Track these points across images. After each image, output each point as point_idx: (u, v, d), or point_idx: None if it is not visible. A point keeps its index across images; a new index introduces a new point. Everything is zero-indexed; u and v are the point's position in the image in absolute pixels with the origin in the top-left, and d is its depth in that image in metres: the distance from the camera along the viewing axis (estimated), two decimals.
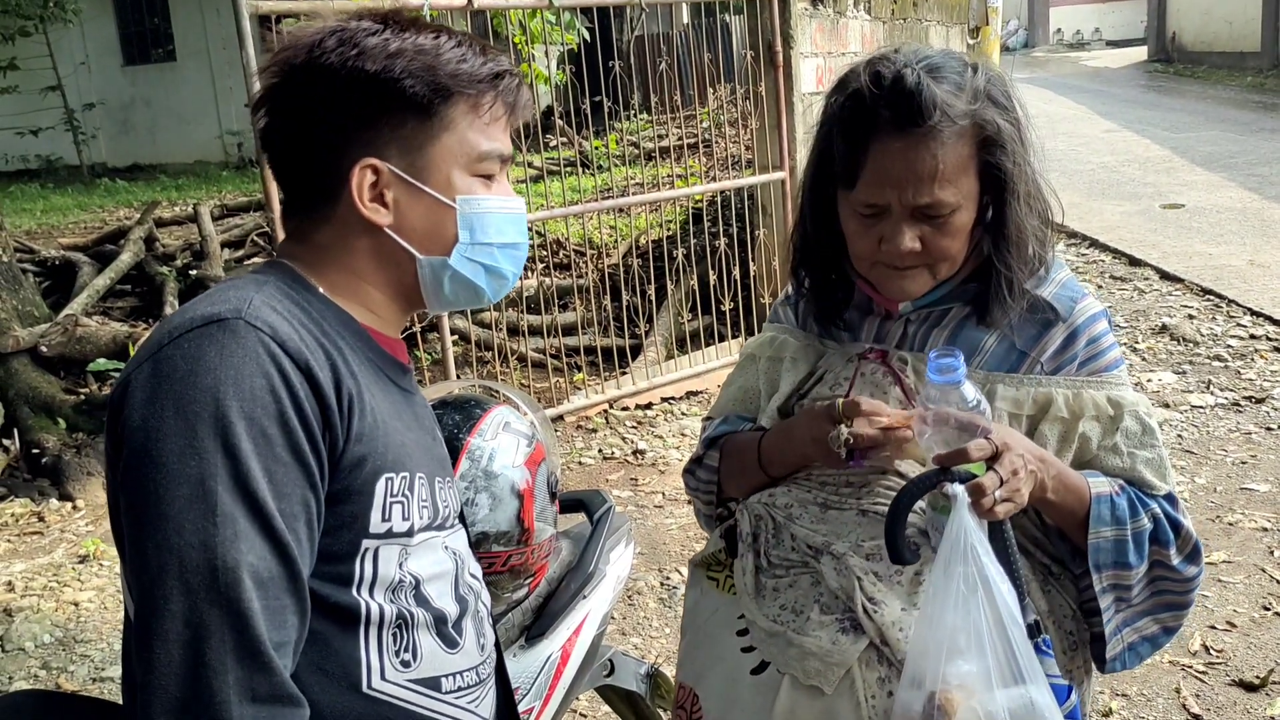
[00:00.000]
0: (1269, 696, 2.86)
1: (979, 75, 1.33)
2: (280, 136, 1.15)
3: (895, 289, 1.39)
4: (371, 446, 1.08)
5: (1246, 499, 4.01)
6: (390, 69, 1.10)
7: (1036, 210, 1.38)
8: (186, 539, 0.94)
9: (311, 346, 1.05)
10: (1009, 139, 1.31)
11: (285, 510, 0.99)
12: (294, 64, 1.12)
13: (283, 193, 1.19)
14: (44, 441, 4.87)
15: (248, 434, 0.97)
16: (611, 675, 2.01)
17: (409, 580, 1.14)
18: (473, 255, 1.18)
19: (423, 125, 1.13)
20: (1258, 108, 15.51)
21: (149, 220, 7.78)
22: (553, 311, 5.87)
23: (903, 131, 1.28)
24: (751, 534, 1.45)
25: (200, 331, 1.01)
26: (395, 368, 1.20)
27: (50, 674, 3.35)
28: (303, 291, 1.12)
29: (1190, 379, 5.32)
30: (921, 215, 1.31)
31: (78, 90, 15.46)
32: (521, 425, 1.70)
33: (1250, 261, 7.33)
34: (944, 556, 1.18)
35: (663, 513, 4.26)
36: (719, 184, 5.93)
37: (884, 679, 1.30)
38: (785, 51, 5.76)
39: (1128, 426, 1.38)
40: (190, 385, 0.98)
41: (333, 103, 1.11)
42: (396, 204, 1.14)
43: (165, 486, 0.96)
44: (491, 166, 1.18)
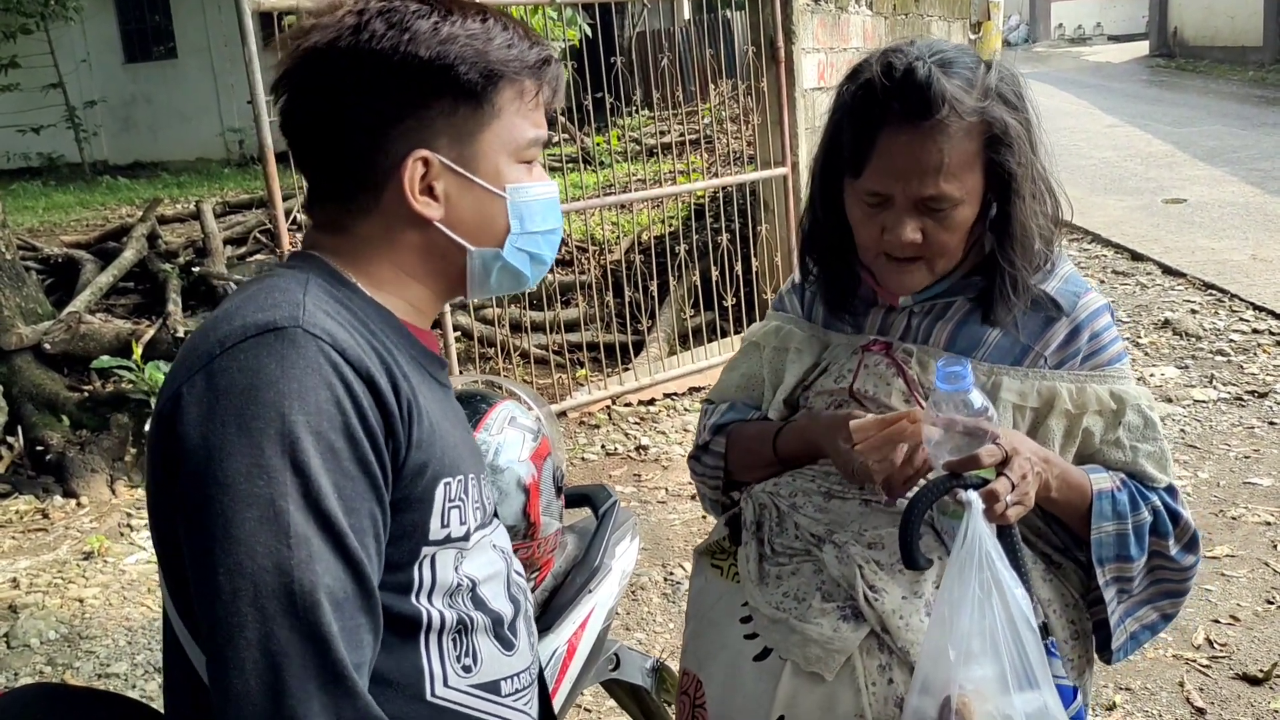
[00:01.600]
0: (1273, 690, 2.86)
1: (992, 73, 1.33)
2: (313, 120, 1.08)
3: (894, 282, 1.41)
4: (431, 452, 1.05)
5: (1249, 493, 4.02)
6: (445, 54, 1.05)
7: (1042, 209, 1.38)
8: (260, 563, 0.90)
9: (368, 351, 1.01)
10: (1017, 138, 1.31)
11: (356, 526, 0.96)
12: (336, 46, 1.05)
13: (310, 180, 1.13)
14: (48, 439, 4.88)
15: (315, 449, 0.93)
16: (617, 669, 2.02)
17: (466, 583, 1.11)
18: (523, 245, 1.15)
19: (474, 113, 1.08)
20: (1260, 102, 15.49)
21: (151, 218, 7.78)
22: (555, 307, 5.87)
23: (911, 123, 1.28)
24: (755, 522, 1.46)
25: (256, 341, 0.96)
26: (435, 363, 1.16)
27: (55, 670, 3.35)
28: (343, 289, 1.08)
29: (1193, 374, 5.32)
30: (924, 207, 1.32)
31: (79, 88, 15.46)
32: (527, 420, 1.70)
33: (1253, 256, 7.33)
34: (958, 562, 1.18)
35: (666, 508, 4.26)
36: (721, 180, 5.93)
37: (884, 666, 1.31)
38: (787, 47, 5.75)
39: (1130, 421, 1.40)
40: (252, 400, 0.93)
41: (381, 89, 1.05)
42: (447, 196, 1.09)
43: (233, 508, 0.91)
44: (535, 152, 1.15)
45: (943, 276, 1.41)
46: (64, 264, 6.99)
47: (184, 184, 13.21)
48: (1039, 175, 1.37)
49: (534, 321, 6.08)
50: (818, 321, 1.56)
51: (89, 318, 5.67)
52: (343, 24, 1.06)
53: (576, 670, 1.81)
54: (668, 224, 6.73)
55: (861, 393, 1.43)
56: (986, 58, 1.38)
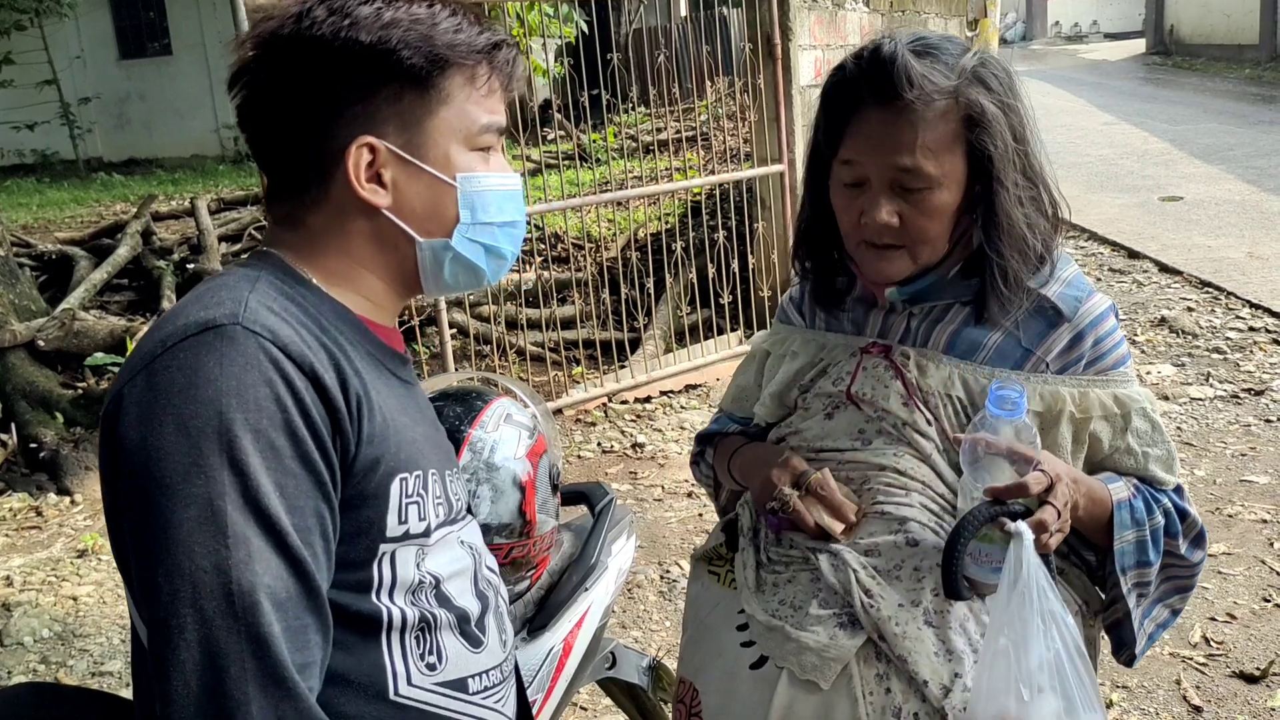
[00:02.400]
0: (1269, 688, 2.85)
1: (973, 58, 1.32)
2: (264, 114, 1.08)
3: (874, 269, 1.38)
4: (384, 448, 1.04)
5: (1246, 491, 4.01)
6: (386, 39, 1.04)
7: (1033, 202, 1.35)
8: (198, 563, 0.89)
9: (314, 347, 1.00)
10: (994, 121, 1.29)
11: (299, 524, 0.94)
12: (280, 35, 1.05)
13: (268, 176, 1.12)
14: (42, 436, 4.86)
15: (254, 447, 0.92)
16: (613, 668, 2.01)
17: (429, 580, 1.10)
18: (474, 235, 1.13)
19: (420, 99, 1.07)
20: (1256, 100, 15.51)
21: (146, 214, 7.76)
22: (551, 305, 5.86)
23: (882, 104, 1.29)
24: (752, 529, 1.45)
25: (196, 340, 0.95)
26: (395, 359, 1.15)
27: (49, 668, 3.34)
28: (295, 285, 1.07)
29: (1189, 371, 5.32)
30: (900, 190, 1.31)
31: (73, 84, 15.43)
32: (523, 417, 1.69)
33: (1249, 254, 7.33)
34: (1014, 596, 1.16)
35: (662, 506, 4.26)
36: (717, 177, 5.92)
37: (882, 675, 1.29)
38: (784, 44, 5.74)
39: (1137, 426, 1.39)
40: (190, 399, 0.92)
41: (324, 77, 1.04)
42: (395, 184, 1.08)
43: (171, 509, 0.90)
44: (489, 140, 1.13)
45: (928, 269, 1.38)
46: (58, 261, 6.98)
47: (179, 181, 13.17)
48: (1029, 167, 1.34)
49: (530, 319, 6.06)
50: (819, 327, 1.55)
51: (83, 315, 5.65)
52: (288, 13, 1.05)
53: (572, 669, 1.80)
54: (664, 221, 6.72)
55: (859, 395, 1.42)
56: (986, 51, 1.37)
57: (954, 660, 1.27)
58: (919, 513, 1.34)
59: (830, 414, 1.45)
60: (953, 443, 1.30)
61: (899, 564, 1.32)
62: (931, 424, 1.37)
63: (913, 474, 1.36)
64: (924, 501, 1.35)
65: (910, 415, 1.37)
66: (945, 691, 1.26)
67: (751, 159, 6.07)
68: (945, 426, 1.36)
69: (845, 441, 1.42)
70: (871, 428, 1.40)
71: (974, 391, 1.36)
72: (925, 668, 1.27)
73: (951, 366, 1.37)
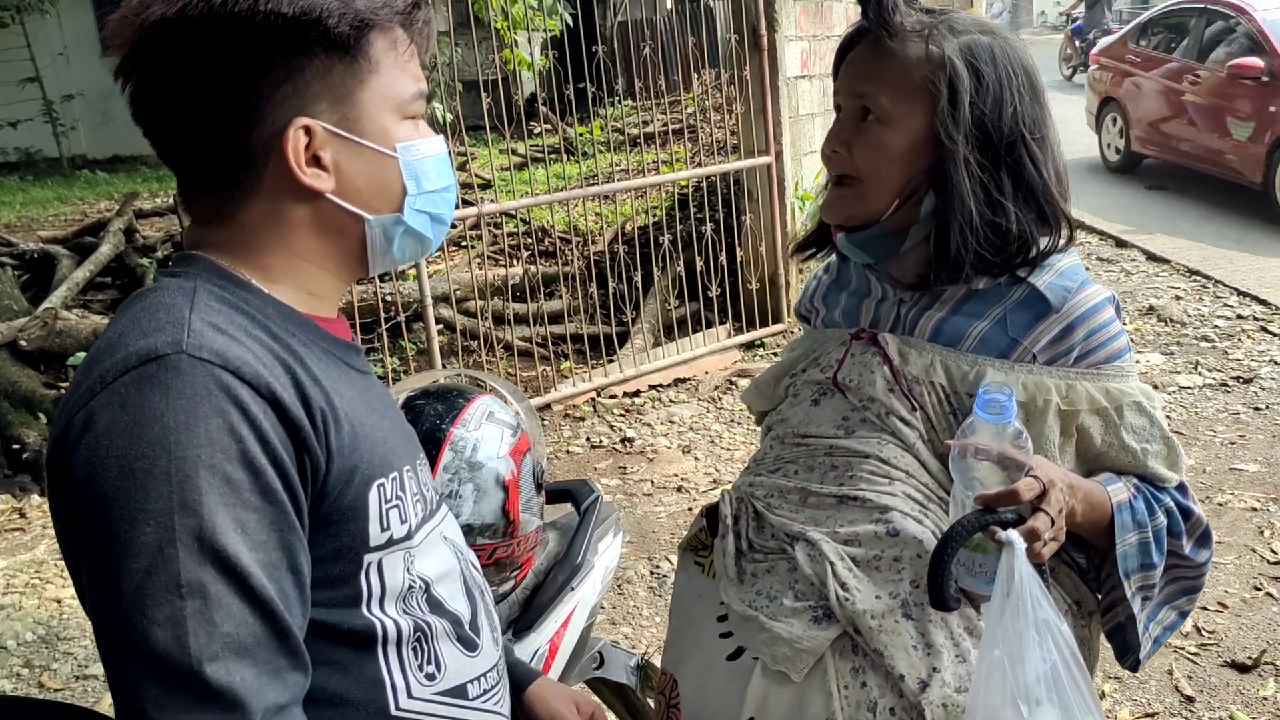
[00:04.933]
0: (1261, 677, 2.85)
1: (979, 32, 1.33)
2: (172, 105, 0.98)
3: (828, 208, 1.40)
4: (356, 458, 0.98)
5: (1236, 479, 4.01)
6: (310, 8, 0.95)
7: (994, 184, 1.31)
8: (150, 617, 0.83)
9: (268, 363, 0.92)
10: (957, 80, 1.28)
11: (264, 560, 0.88)
12: (185, 15, 0.94)
13: (181, 172, 1.02)
14: (24, 437, 4.81)
15: (209, 485, 0.85)
16: (601, 667, 1.99)
17: (419, 584, 1.06)
18: (421, 206, 1.06)
19: (350, 69, 0.99)
20: None
21: (129, 212, 7.70)
22: (539, 299, 5.82)
23: (872, 41, 1.35)
24: (734, 516, 1.43)
25: (138, 374, 0.88)
26: (350, 351, 1.08)
27: (33, 672, 3.30)
28: (236, 290, 0.98)
29: (1178, 359, 5.32)
30: (860, 118, 1.34)
31: (56, 82, 15.29)
32: (506, 415, 1.66)
33: (1236, 241, 7.34)
34: (1007, 608, 1.13)
35: (651, 500, 4.24)
36: (705, 169, 5.90)
37: (857, 669, 1.27)
38: (770, 35, 5.72)
39: (1131, 421, 1.35)
40: (135, 440, 0.85)
41: (246, 56, 0.95)
42: (336, 165, 1.00)
43: (121, 561, 0.84)
44: (419, 107, 1.07)
45: (877, 220, 1.35)
46: (40, 259, 6.91)
47: (163, 178, 13.07)
48: (1007, 147, 1.30)
49: (517, 314, 6.03)
50: (819, 326, 1.54)
51: (65, 314, 5.60)
52: None
53: (559, 670, 1.78)
54: (651, 214, 6.69)
55: (845, 382, 1.40)
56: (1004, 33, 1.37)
57: (932, 654, 1.25)
58: (901, 501, 1.32)
59: (816, 400, 1.44)
60: (942, 449, 1.27)
61: (879, 554, 1.30)
62: (915, 412, 1.34)
63: (896, 463, 1.34)
64: (907, 490, 1.33)
65: (893, 403, 1.35)
66: (922, 686, 1.24)
67: (738, 151, 6.04)
68: (930, 414, 1.34)
69: (829, 429, 1.40)
70: (855, 416, 1.38)
71: (955, 378, 1.33)
72: (902, 662, 1.24)
73: (934, 353, 1.35)
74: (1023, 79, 1.33)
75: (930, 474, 1.35)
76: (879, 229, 1.37)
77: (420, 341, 5.65)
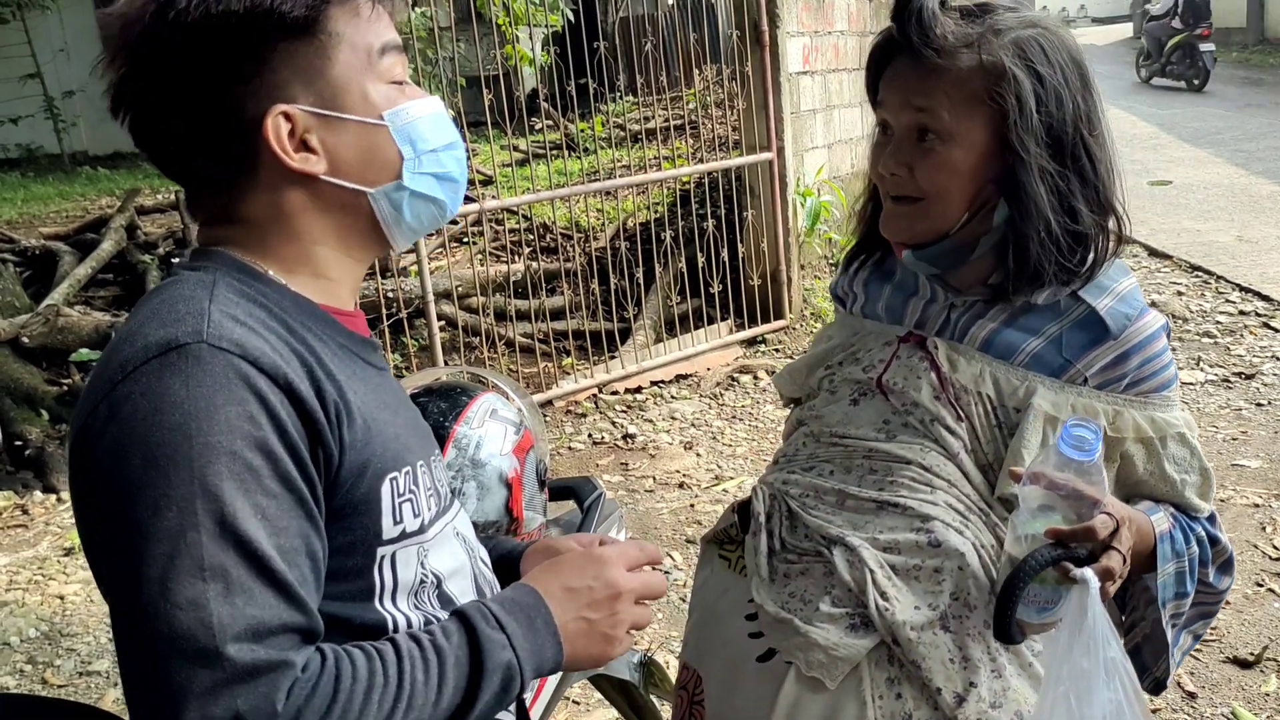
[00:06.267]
0: (1263, 673, 2.85)
1: (1025, 27, 1.28)
2: (160, 124, 1.01)
3: (892, 226, 1.35)
4: (369, 451, 0.99)
5: (1238, 475, 4.01)
6: (257, 1, 0.97)
7: (1068, 188, 1.28)
8: (174, 600, 0.84)
9: (285, 355, 0.94)
10: (1017, 84, 1.24)
11: (283, 546, 0.90)
12: (147, 38, 0.97)
13: (184, 184, 1.05)
14: (27, 433, 4.82)
15: (229, 470, 0.87)
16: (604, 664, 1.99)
17: (430, 579, 1.06)
18: (423, 168, 1.07)
19: (314, 49, 1.00)
20: (1244, 83, 15.53)
21: (130, 208, 7.69)
22: (540, 296, 5.83)
23: (911, 55, 1.27)
24: (766, 513, 1.40)
25: (159, 363, 0.89)
26: (366, 346, 1.09)
27: (36, 668, 3.31)
28: (255, 282, 1.00)
29: (1180, 356, 5.32)
30: (918, 140, 1.28)
31: (57, 78, 15.28)
32: (509, 412, 1.66)
33: (1238, 237, 7.34)
34: (1070, 641, 1.12)
35: (653, 497, 4.24)
36: (706, 165, 5.89)
37: (893, 680, 1.26)
38: (771, 31, 5.71)
39: (1174, 453, 1.34)
40: (156, 426, 0.87)
41: (210, 62, 0.97)
42: (324, 145, 1.01)
43: (144, 547, 0.85)
44: (394, 64, 1.06)
45: (945, 235, 1.31)
46: (42, 256, 6.91)
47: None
48: (1068, 152, 1.28)
49: (519, 310, 6.03)
50: (856, 314, 1.51)
51: (67, 310, 5.61)
52: (145, 12, 0.98)
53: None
54: (653, 210, 6.69)
55: (890, 385, 1.36)
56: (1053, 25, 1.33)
57: (969, 669, 1.24)
58: (944, 511, 1.29)
59: (856, 400, 1.40)
60: (1011, 477, 1.24)
61: (919, 564, 1.28)
62: (961, 421, 1.32)
63: (939, 471, 1.31)
64: (949, 500, 1.30)
65: (939, 410, 1.32)
66: (958, 700, 1.22)
67: (740, 147, 6.04)
68: (975, 425, 1.32)
69: (869, 431, 1.36)
70: (897, 420, 1.35)
71: (1004, 392, 1.31)
72: (939, 675, 1.23)
73: (984, 364, 1.32)
74: (1074, 72, 1.29)
75: (972, 485, 1.32)
76: (949, 243, 1.32)
77: (422, 338, 5.65)
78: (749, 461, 4.51)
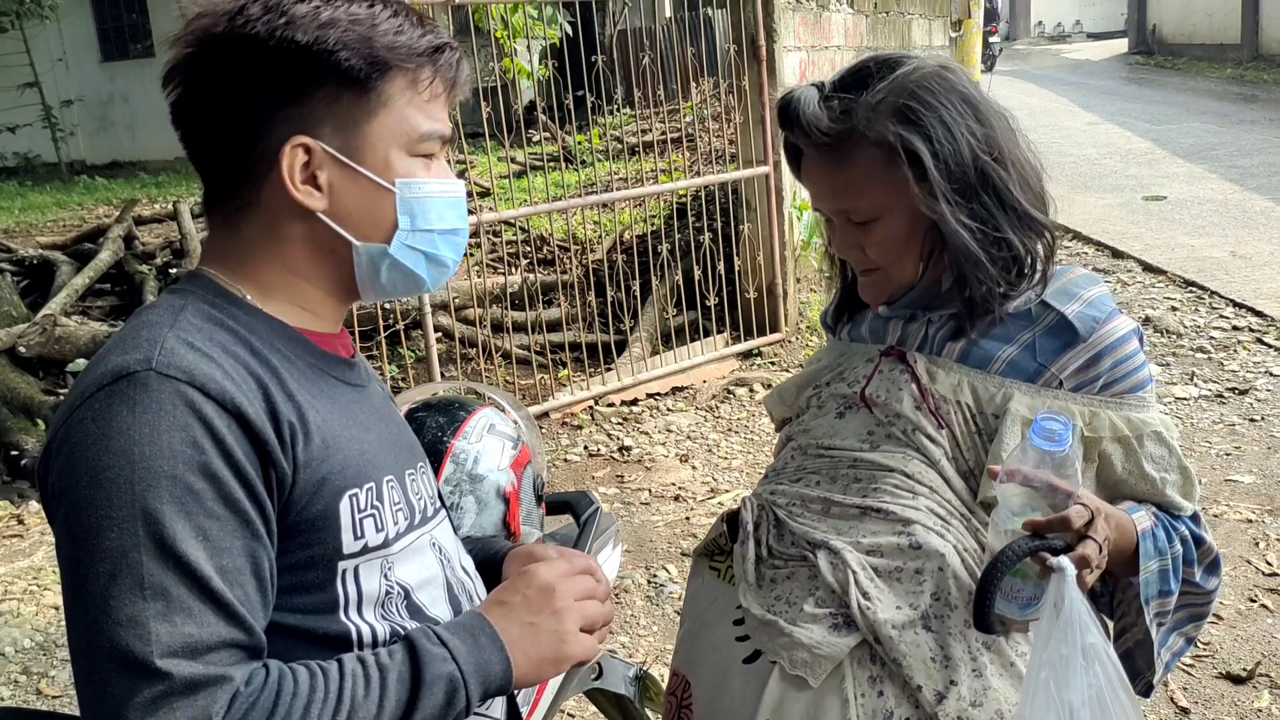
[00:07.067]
0: (1256, 689, 2.86)
1: (898, 88, 1.30)
2: (197, 113, 1.05)
3: (865, 293, 1.44)
4: (326, 468, 1.01)
5: (1231, 491, 4.03)
6: (323, 39, 1.01)
7: (989, 220, 1.32)
8: (114, 618, 0.87)
9: (238, 378, 0.97)
10: (920, 155, 1.28)
11: (225, 566, 0.92)
12: (213, 32, 1.02)
13: (203, 178, 1.08)
14: (23, 443, 4.82)
15: (170, 494, 0.90)
16: (600, 678, 1.99)
17: (397, 590, 1.08)
18: (413, 243, 1.10)
19: (359, 102, 1.04)
20: (1238, 99, 15.60)
21: (128, 218, 7.71)
22: (537, 308, 5.84)
23: (813, 148, 1.35)
24: (754, 523, 1.44)
25: (109, 390, 0.93)
26: (340, 366, 1.12)
27: (31, 679, 3.31)
28: (226, 305, 1.04)
29: (1174, 371, 5.34)
30: (854, 223, 1.36)
31: (55, 87, 15.32)
32: (506, 427, 1.67)
33: (1232, 253, 7.37)
34: (1056, 631, 1.14)
35: (649, 509, 4.24)
36: (703, 179, 5.91)
37: (875, 678, 1.29)
38: (768, 45, 5.74)
39: (1151, 451, 1.37)
40: (102, 451, 0.91)
41: (257, 75, 1.01)
42: (331, 187, 1.05)
43: (88, 564, 0.89)
44: (432, 147, 1.10)
45: (912, 286, 1.39)
46: (39, 265, 6.92)
47: (162, 184, 13.09)
48: (978, 186, 1.31)
49: (516, 322, 6.05)
50: (844, 339, 1.56)
51: (64, 320, 5.61)
52: (222, 10, 1.03)
53: (558, 681, 1.79)
54: (650, 223, 6.71)
55: (873, 398, 1.41)
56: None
57: (950, 667, 1.27)
58: (925, 516, 1.33)
59: (842, 413, 1.45)
60: (989, 475, 1.27)
61: (900, 566, 1.31)
62: (941, 429, 1.36)
63: (920, 478, 1.35)
64: (931, 505, 1.34)
65: (920, 419, 1.36)
66: (939, 698, 1.25)
67: (737, 160, 6.06)
68: (956, 433, 1.36)
69: (854, 441, 1.41)
70: (881, 431, 1.40)
71: (982, 399, 1.35)
72: (920, 673, 1.26)
73: (961, 374, 1.37)
74: (962, 107, 1.32)
75: (954, 490, 1.36)
76: (915, 292, 1.41)
77: (419, 349, 5.66)
78: (745, 474, 4.52)
